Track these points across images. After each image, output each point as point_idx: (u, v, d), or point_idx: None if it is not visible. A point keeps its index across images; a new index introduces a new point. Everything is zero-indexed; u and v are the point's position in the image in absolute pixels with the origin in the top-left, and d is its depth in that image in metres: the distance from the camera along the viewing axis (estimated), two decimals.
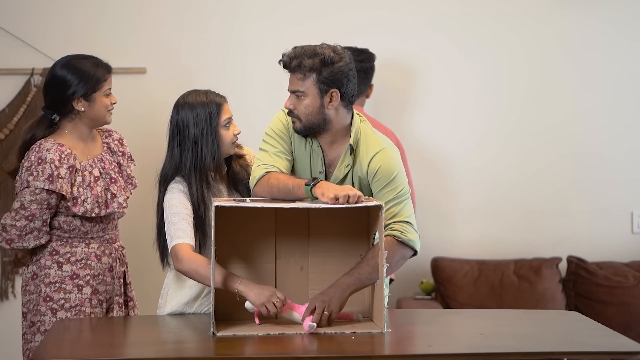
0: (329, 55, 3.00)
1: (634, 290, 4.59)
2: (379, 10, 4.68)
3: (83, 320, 3.22)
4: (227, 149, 3.17)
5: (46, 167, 3.23)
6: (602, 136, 4.78)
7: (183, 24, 4.63)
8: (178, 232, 3.03)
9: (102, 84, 3.31)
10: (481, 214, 4.75)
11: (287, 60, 3.02)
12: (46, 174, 3.23)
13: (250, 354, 2.78)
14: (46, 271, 3.30)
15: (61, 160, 3.25)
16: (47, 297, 3.28)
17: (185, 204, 3.08)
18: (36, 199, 3.24)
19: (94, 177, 3.32)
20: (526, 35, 4.75)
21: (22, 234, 3.27)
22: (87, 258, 3.34)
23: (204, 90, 3.18)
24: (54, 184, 3.22)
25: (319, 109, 3.03)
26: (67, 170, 3.26)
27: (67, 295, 3.29)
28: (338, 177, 3.09)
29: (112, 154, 3.44)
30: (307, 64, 2.99)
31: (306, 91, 3.02)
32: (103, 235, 3.38)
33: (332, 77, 3.01)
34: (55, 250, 3.32)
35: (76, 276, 3.31)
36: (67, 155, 3.27)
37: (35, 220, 3.26)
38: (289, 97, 3.07)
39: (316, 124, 3.05)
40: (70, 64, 3.31)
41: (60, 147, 3.27)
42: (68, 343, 2.87)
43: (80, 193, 3.28)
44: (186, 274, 3.01)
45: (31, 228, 3.26)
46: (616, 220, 4.80)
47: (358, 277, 2.97)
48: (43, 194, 3.24)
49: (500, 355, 2.70)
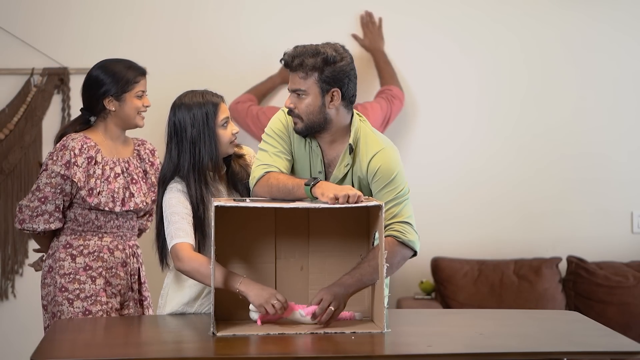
0: (331, 55, 3.00)
1: (634, 290, 4.59)
2: (378, 11, 4.68)
3: (83, 320, 3.22)
4: (225, 148, 3.16)
5: (66, 154, 3.33)
6: (603, 136, 4.78)
7: (183, 24, 4.63)
8: (178, 232, 3.02)
9: (132, 85, 3.40)
10: (481, 214, 4.75)
11: (289, 59, 3.02)
12: (64, 159, 3.32)
13: (251, 354, 2.78)
14: (60, 263, 3.37)
15: (81, 149, 3.34)
16: (62, 288, 3.35)
17: (185, 204, 3.07)
18: (51, 182, 3.33)
19: (114, 173, 3.39)
20: (526, 35, 4.75)
21: (34, 215, 3.35)
22: (99, 251, 3.39)
23: (201, 90, 3.18)
24: (69, 170, 3.31)
25: (320, 108, 3.03)
26: (84, 160, 3.34)
27: (81, 285, 3.36)
28: (337, 177, 3.09)
29: (140, 161, 3.49)
30: (309, 63, 2.99)
31: (307, 90, 3.01)
32: (117, 232, 3.43)
33: (333, 77, 3.00)
34: (69, 244, 3.39)
35: (89, 267, 3.37)
36: (90, 147, 3.36)
37: (47, 203, 3.34)
38: (290, 97, 3.06)
39: (317, 124, 3.05)
40: (105, 65, 3.42)
41: (85, 139, 3.37)
42: (68, 343, 2.86)
43: (96, 185, 3.35)
44: (187, 273, 3.01)
45: (42, 210, 3.34)
46: (616, 220, 4.80)
47: (359, 278, 2.97)
48: (58, 178, 3.32)
49: (500, 355, 2.70)
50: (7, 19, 4.53)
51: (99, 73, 3.40)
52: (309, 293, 3.05)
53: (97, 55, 3.47)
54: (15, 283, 4.58)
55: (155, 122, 3.63)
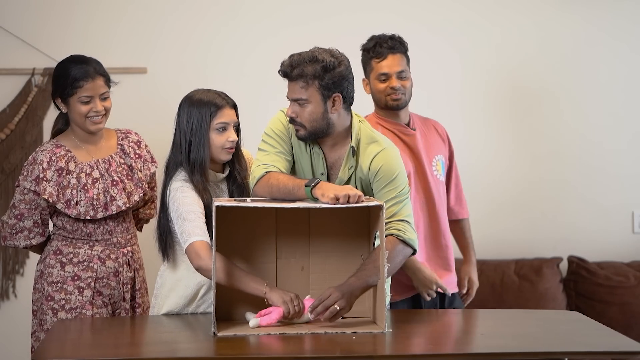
0: (330, 61, 2.99)
1: (635, 290, 4.59)
2: (378, 12, 4.68)
3: (84, 320, 3.22)
4: (216, 153, 3.10)
5: (35, 168, 3.23)
6: (603, 136, 4.78)
7: (183, 24, 4.62)
8: (196, 230, 2.99)
9: (75, 89, 3.24)
10: (482, 214, 4.73)
11: (288, 69, 3.01)
12: (34, 175, 3.23)
13: (251, 354, 2.78)
14: (50, 270, 3.30)
15: (50, 162, 3.24)
16: (48, 297, 3.28)
17: (200, 203, 3.05)
18: (24, 199, 3.25)
19: (92, 179, 3.29)
20: (526, 36, 4.74)
21: (13, 232, 3.28)
22: (89, 260, 3.31)
23: (214, 90, 3.14)
24: (39, 186, 3.22)
25: (323, 115, 3.02)
26: (54, 173, 3.24)
27: (67, 296, 3.28)
28: (343, 179, 3.09)
29: (124, 156, 3.38)
30: (309, 72, 2.98)
31: (309, 98, 3.01)
32: (110, 239, 3.34)
33: (333, 82, 3.00)
34: (59, 250, 3.31)
35: (77, 278, 3.29)
36: (59, 157, 3.25)
37: (24, 220, 3.26)
38: (291, 105, 3.05)
39: (320, 130, 3.04)
40: (60, 63, 3.31)
41: (54, 149, 3.26)
42: (68, 343, 2.87)
43: (73, 195, 3.25)
44: (205, 272, 2.97)
45: (21, 227, 3.27)
46: (617, 220, 4.80)
47: (365, 279, 2.97)
48: (30, 194, 3.24)
49: (500, 355, 2.69)
50: (8, 19, 4.53)
51: (55, 70, 3.29)
52: (310, 293, 3.05)
53: (97, 55, 3.45)
54: (16, 283, 4.57)
55: (155, 122, 3.64)
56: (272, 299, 2.92)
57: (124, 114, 3.83)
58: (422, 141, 3.74)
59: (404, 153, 3.58)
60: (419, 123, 3.80)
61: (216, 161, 3.14)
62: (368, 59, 3.70)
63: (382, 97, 3.67)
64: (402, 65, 3.67)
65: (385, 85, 3.66)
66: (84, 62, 3.29)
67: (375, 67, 3.67)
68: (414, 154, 3.70)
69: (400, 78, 3.66)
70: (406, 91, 3.68)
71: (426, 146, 3.75)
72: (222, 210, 2.88)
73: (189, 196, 3.05)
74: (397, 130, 3.70)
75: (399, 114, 3.71)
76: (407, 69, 3.70)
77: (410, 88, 3.71)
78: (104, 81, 3.30)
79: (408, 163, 3.61)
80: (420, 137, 3.74)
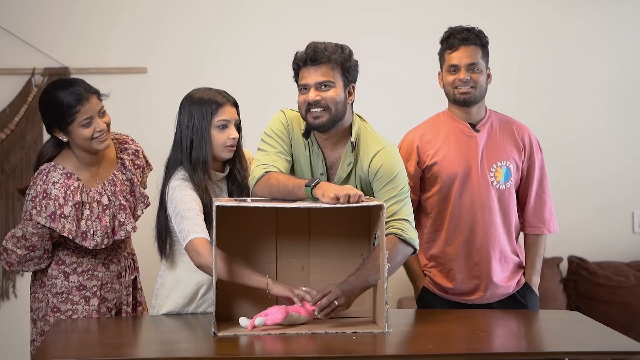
0: (349, 51, 3.04)
1: (635, 290, 4.59)
2: (378, 12, 4.68)
3: (84, 321, 3.21)
4: (218, 151, 3.10)
5: (50, 204, 3.14)
6: (603, 136, 4.78)
7: (183, 24, 4.63)
8: (195, 227, 2.99)
9: (72, 116, 3.12)
10: None
11: (312, 53, 3.00)
12: (49, 210, 3.14)
13: (252, 354, 2.78)
14: (53, 281, 3.25)
15: (66, 198, 3.15)
16: (54, 308, 3.24)
17: (198, 201, 3.06)
18: (38, 232, 3.17)
19: (102, 206, 3.22)
20: (526, 37, 4.75)
21: (22, 261, 3.22)
22: (94, 269, 3.27)
23: (216, 89, 3.14)
24: (55, 223, 3.13)
25: (344, 102, 3.03)
26: (72, 208, 3.16)
27: (74, 306, 3.24)
28: (342, 177, 3.09)
29: (125, 171, 3.31)
30: (336, 57, 3.01)
31: (336, 82, 3.02)
32: (111, 246, 3.30)
33: (352, 72, 3.06)
34: (61, 260, 3.26)
35: (83, 287, 3.26)
36: (74, 190, 3.17)
37: (36, 250, 3.21)
38: (312, 90, 3.01)
39: (339, 117, 3.04)
40: (45, 94, 3.17)
41: (67, 181, 3.17)
42: (69, 343, 2.87)
43: (89, 227, 3.19)
44: (205, 268, 2.97)
45: (32, 257, 3.22)
46: (617, 220, 4.80)
47: (365, 278, 2.97)
48: (44, 229, 3.17)
49: (500, 355, 2.69)
50: (8, 19, 4.53)
51: (42, 104, 3.16)
52: None
53: (97, 55, 3.46)
54: (16, 283, 4.58)
55: (155, 122, 3.64)
56: (276, 289, 2.92)
57: (124, 114, 3.83)
58: (487, 145, 3.50)
59: (455, 154, 3.46)
60: (494, 124, 3.56)
61: (217, 159, 3.14)
62: (442, 50, 3.54)
63: (451, 89, 3.48)
64: (475, 58, 3.45)
65: (454, 77, 3.46)
66: (71, 85, 3.17)
67: (447, 59, 3.49)
68: (467, 157, 3.47)
69: (471, 71, 3.45)
70: (477, 85, 3.45)
71: (489, 150, 3.50)
72: (222, 210, 2.88)
73: (188, 194, 3.05)
74: (458, 129, 3.51)
75: (470, 110, 3.50)
76: (482, 62, 3.47)
77: (483, 83, 3.48)
78: (97, 97, 3.19)
79: (456, 165, 3.45)
80: (485, 139, 3.50)
